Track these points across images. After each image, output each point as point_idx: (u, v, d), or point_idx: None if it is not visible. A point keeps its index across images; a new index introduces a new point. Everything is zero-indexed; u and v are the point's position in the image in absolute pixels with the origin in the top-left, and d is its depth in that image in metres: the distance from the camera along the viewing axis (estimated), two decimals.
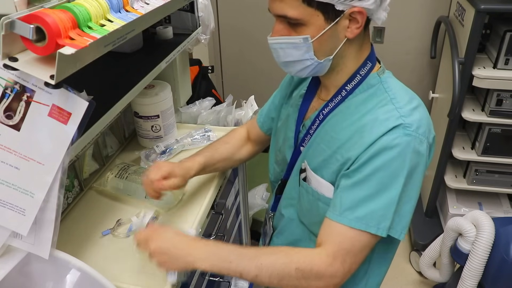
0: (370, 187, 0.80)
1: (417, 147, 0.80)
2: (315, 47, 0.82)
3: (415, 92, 0.92)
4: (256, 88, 2.72)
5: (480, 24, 1.71)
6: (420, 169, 0.82)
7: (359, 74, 0.87)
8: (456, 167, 2.18)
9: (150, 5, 0.92)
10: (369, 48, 0.89)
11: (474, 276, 1.62)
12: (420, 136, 0.80)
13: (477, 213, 1.66)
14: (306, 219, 0.99)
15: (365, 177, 0.80)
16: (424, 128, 0.81)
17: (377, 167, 0.79)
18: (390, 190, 0.79)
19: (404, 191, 0.80)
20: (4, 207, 0.75)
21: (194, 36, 1.40)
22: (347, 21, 0.81)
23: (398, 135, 0.78)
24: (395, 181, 0.79)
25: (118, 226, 1.10)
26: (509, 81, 1.76)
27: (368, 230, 0.80)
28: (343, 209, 0.81)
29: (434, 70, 2.43)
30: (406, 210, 0.83)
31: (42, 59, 0.67)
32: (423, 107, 0.87)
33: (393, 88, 0.86)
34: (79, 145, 0.83)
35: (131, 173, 1.20)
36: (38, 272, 0.84)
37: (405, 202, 0.82)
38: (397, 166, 0.79)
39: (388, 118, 0.80)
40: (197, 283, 1.16)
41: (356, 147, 0.81)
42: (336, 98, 0.90)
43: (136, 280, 0.94)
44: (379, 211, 0.79)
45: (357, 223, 0.80)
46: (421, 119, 0.82)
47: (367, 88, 0.88)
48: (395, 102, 0.83)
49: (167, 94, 1.36)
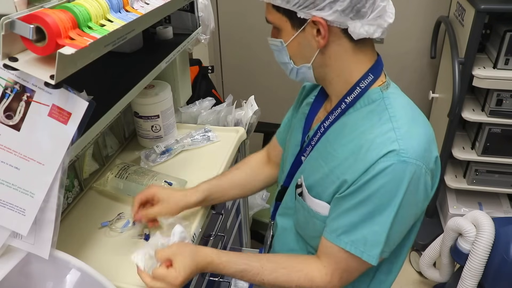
0: (362, 212, 0.79)
1: (412, 173, 0.76)
2: (289, 52, 0.85)
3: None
4: (256, 88, 2.72)
5: (480, 24, 1.71)
6: (417, 195, 0.80)
7: (359, 87, 0.84)
8: (456, 167, 2.18)
9: (150, 5, 0.92)
10: (371, 59, 0.85)
11: (474, 276, 1.62)
12: (416, 162, 0.76)
13: (477, 213, 1.66)
14: (303, 231, 0.98)
15: (359, 202, 0.79)
16: (422, 152, 0.78)
17: (370, 193, 0.78)
18: (382, 217, 0.78)
19: (396, 218, 0.79)
20: (4, 207, 0.75)
21: (194, 36, 1.40)
22: (314, 30, 0.79)
23: (393, 162, 0.76)
24: (387, 209, 0.78)
25: (118, 220, 1.10)
26: (509, 81, 1.76)
27: (360, 256, 0.81)
28: (340, 232, 0.82)
29: (434, 70, 2.43)
30: (396, 235, 0.83)
31: (42, 59, 0.67)
32: (424, 126, 0.83)
33: (395, 105, 0.82)
34: (79, 145, 0.83)
35: (131, 173, 1.20)
36: (38, 272, 0.84)
37: (397, 228, 0.81)
38: (390, 193, 0.77)
39: (384, 141, 0.77)
40: (197, 283, 1.16)
41: (352, 170, 0.80)
42: (336, 110, 0.87)
43: (136, 280, 0.94)
44: (370, 237, 0.80)
45: (351, 247, 0.81)
46: (419, 142, 0.78)
47: (368, 103, 0.84)
48: (394, 121, 0.80)
49: (167, 94, 1.36)
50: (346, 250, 0.82)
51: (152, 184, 1.14)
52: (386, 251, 0.84)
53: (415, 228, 0.92)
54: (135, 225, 1.09)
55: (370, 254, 0.81)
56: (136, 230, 1.08)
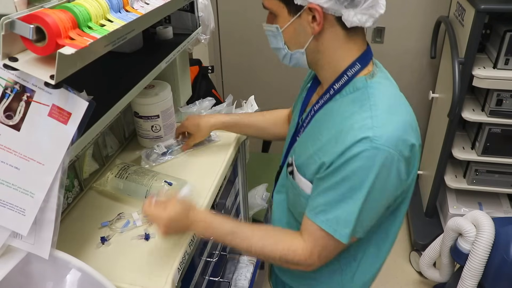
0: (336, 193, 0.84)
1: (383, 160, 0.79)
2: (284, 37, 0.89)
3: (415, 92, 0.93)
4: (256, 88, 2.73)
5: (480, 24, 1.72)
6: (388, 181, 0.82)
7: (346, 75, 0.88)
8: (456, 167, 2.18)
9: (150, 5, 0.92)
10: (359, 49, 0.88)
11: (474, 276, 1.62)
12: (388, 149, 0.79)
13: (477, 213, 1.66)
14: (293, 208, 1.04)
15: (334, 184, 0.84)
16: (396, 140, 0.80)
17: (343, 176, 0.82)
18: (353, 199, 0.82)
19: (367, 201, 0.83)
20: (4, 207, 0.75)
21: (194, 36, 1.40)
22: (310, 17, 0.83)
23: (365, 147, 0.79)
24: (358, 192, 0.82)
25: (118, 220, 1.11)
26: (509, 81, 1.76)
27: (333, 234, 0.86)
28: (318, 210, 0.87)
29: (434, 70, 2.43)
30: (368, 218, 0.87)
31: (42, 59, 0.67)
32: (403, 115, 0.85)
33: (377, 94, 0.85)
34: (79, 145, 0.83)
35: (131, 173, 1.20)
36: (38, 272, 0.84)
37: (367, 211, 0.85)
38: (361, 177, 0.80)
39: (360, 128, 0.81)
40: (197, 283, 1.16)
41: (330, 152, 0.84)
42: (325, 95, 0.92)
43: (136, 280, 0.94)
44: (342, 217, 0.84)
45: (326, 225, 0.86)
46: (394, 130, 0.80)
47: (353, 91, 0.88)
48: (374, 109, 0.83)
49: (167, 94, 1.36)
50: (322, 228, 0.87)
51: (183, 121, 1.32)
52: (359, 231, 0.88)
53: (400, 213, 0.96)
54: (136, 225, 1.09)
55: (342, 233, 0.85)
56: (136, 230, 1.08)
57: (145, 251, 1.02)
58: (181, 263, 0.98)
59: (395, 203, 0.92)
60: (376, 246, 1.00)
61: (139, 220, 1.11)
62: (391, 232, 0.99)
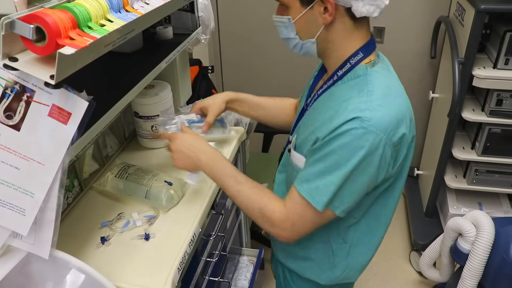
0: (322, 165, 0.88)
1: (370, 141, 0.83)
2: (296, 28, 0.93)
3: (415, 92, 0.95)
4: (256, 88, 2.73)
5: (480, 24, 1.71)
6: (372, 162, 0.86)
7: (349, 63, 0.93)
8: (456, 167, 2.18)
9: (150, 5, 0.92)
10: (364, 39, 0.93)
11: (474, 276, 1.62)
12: (377, 131, 0.83)
13: (477, 213, 1.66)
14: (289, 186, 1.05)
15: (321, 156, 0.88)
16: (385, 125, 0.84)
17: (331, 150, 0.86)
18: (336, 172, 0.86)
19: (349, 177, 0.86)
20: (4, 207, 0.75)
21: (194, 36, 1.40)
22: (322, 8, 0.88)
23: (354, 126, 0.83)
24: (342, 166, 0.85)
25: (118, 220, 1.11)
26: (509, 81, 1.76)
27: (310, 201, 0.89)
28: (303, 179, 0.91)
29: (434, 70, 2.43)
30: (347, 194, 0.90)
31: (42, 59, 0.67)
32: (398, 105, 0.89)
33: (375, 82, 0.90)
34: (79, 145, 0.83)
35: (131, 173, 1.20)
36: (38, 272, 0.84)
37: (348, 188, 0.88)
38: (347, 153, 0.85)
39: (354, 109, 0.85)
40: (197, 283, 1.16)
41: (324, 129, 0.88)
42: (329, 81, 0.97)
43: (136, 280, 0.94)
44: (322, 187, 0.88)
45: (305, 192, 0.90)
46: (385, 116, 0.84)
47: (354, 78, 0.92)
48: (370, 95, 0.87)
49: (167, 94, 1.36)
50: (301, 195, 0.90)
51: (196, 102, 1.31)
52: (338, 207, 0.90)
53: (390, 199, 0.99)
54: (136, 225, 1.09)
55: (319, 201, 0.89)
56: (136, 230, 1.08)
57: (145, 251, 1.02)
58: (181, 263, 0.98)
59: (382, 187, 0.95)
60: (368, 229, 1.03)
61: (139, 220, 1.11)
62: (382, 217, 1.03)
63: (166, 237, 1.06)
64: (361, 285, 2.11)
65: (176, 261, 0.97)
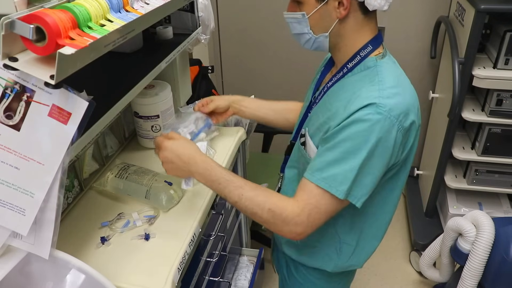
0: (337, 153, 0.88)
1: (385, 127, 0.86)
2: (310, 23, 0.95)
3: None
4: (256, 88, 2.73)
5: (480, 24, 1.72)
6: (386, 148, 0.88)
7: (359, 55, 0.96)
8: (456, 167, 2.18)
9: (150, 5, 0.92)
10: (373, 32, 0.96)
11: (474, 276, 1.62)
12: (391, 118, 0.86)
13: (477, 213, 1.66)
14: None
15: (335, 144, 0.89)
16: (398, 112, 0.87)
17: (345, 137, 0.87)
18: (353, 159, 0.87)
19: (366, 163, 0.87)
20: (4, 207, 0.75)
21: (194, 36, 1.40)
22: (336, 2, 0.90)
23: (370, 112, 0.85)
24: (359, 152, 0.86)
25: (118, 220, 1.11)
26: (509, 81, 1.76)
27: (329, 190, 0.89)
28: (315, 169, 0.91)
29: (434, 70, 2.43)
30: (365, 182, 0.90)
31: (42, 59, 0.67)
32: (407, 94, 0.92)
33: (385, 72, 0.93)
34: (79, 145, 0.83)
35: (131, 173, 1.20)
36: (38, 272, 0.84)
37: (365, 174, 0.89)
38: (363, 138, 0.86)
39: (367, 97, 0.87)
40: (197, 283, 1.16)
41: (336, 117, 0.90)
42: (339, 74, 0.99)
43: (136, 280, 0.94)
44: (340, 175, 0.88)
45: (321, 182, 0.89)
46: (397, 103, 0.87)
47: (364, 69, 0.95)
48: (381, 84, 0.90)
49: (167, 94, 1.36)
50: (317, 186, 0.90)
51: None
52: (356, 195, 0.90)
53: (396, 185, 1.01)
54: (136, 225, 1.09)
55: (338, 189, 0.88)
56: (136, 230, 1.08)
57: (145, 251, 1.02)
58: (181, 263, 0.98)
59: (390, 172, 0.97)
60: (374, 217, 1.04)
61: (139, 220, 1.11)
62: (388, 205, 1.04)
63: (166, 237, 1.06)
64: (361, 285, 2.11)
65: (176, 261, 0.97)
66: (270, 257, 1.35)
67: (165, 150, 0.99)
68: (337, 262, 1.10)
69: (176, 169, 1.00)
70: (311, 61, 1.12)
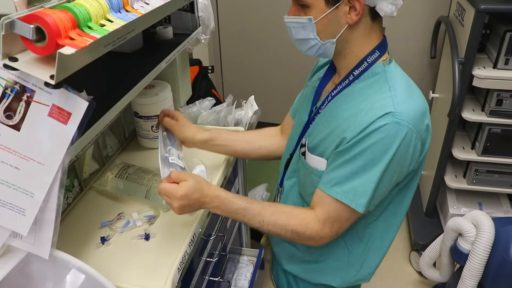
0: (356, 165, 0.87)
1: (404, 134, 0.84)
2: (318, 28, 0.90)
3: None
4: (256, 88, 2.73)
5: (480, 24, 1.71)
6: (406, 155, 0.87)
7: (366, 61, 0.93)
8: (456, 167, 2.18)
9: (150, 5, 0.92)
10: (379, 38, 0.94)
11: (474, 276, 1.62)
12: (408, 125, 0.84)
13: (477, 213, 1.66)
14: (302, 190, 1.05)
15: (353, 156, 0.87)
16: (414, 117, 0.86)
17: (364, 148, 0.86)
18: (373, 170, 0.86)
19: (386, 173, 0.87)
20: (4, 207, 0.75)
21: (194, 36, 1.40)
22: (347, 7, 0.87)
23: (387, 121, 0.84)
24: (378, 163, 0.85)
25: (118, 220, 1.11)
26: (509, 81, 1.76)
27: (349, 205, 0.89)
28: (333, 183, 0.90)
29: (434, 70, 2.43)
30: (383, 190, 0.91)
31: (42, 59, 0.67)
32: (419, 98, 0.91)
33: (394, 78, 0.91)
34: (79, 145, 0.83)
35: (131, 173, 1.20)
36: (38, 272, 0.84)
37: (384, 184, 0.89)
38: (382, 149, 0.85)
39: (382, 105, 0.86)
40: (197, 283, 1.16)
41: (351, 129, 0.88)
42: (344, 81, 0.96)
43: (136, 280, 0.94)
44: (360, 187, 0.87)
45: (341, 196, 0.89)
46: (412, 108, 0.86)
47: (372, 76, 0.93)
48: (393, 90, 0.88)
49: (167, 94, 1.36)
50: (337, 200, 0.89)
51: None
52: (372, 204, 0.91)
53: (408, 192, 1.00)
54: (136, 225, 1.09)
55: (358, 203, 0.88)
56: (136, 230, 1.08)
57: (145, 251, 1.02)
58: (181, 263, 0.98)
59: (405, 180, 0.95)
60: (384, 227, 1.03)
61: (139, 220, 1.11)
62: (398, 214, 1.02)
63: (166, 237, 1.06)
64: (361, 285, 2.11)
65: (176, 261, 0.97)
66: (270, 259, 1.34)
67: (181, 200, 0.90)
68: (345, 276, 1.07)
69: (189, 210, 0.94)
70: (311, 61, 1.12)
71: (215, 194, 0.94)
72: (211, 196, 0.94)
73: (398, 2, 0.89)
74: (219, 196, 0.94)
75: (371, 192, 0.87)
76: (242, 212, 0.94)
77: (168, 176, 0.94)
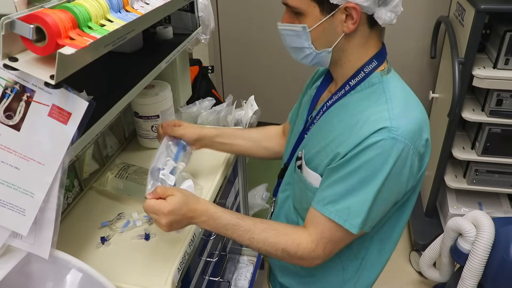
0: (350, 183, 0.83)
1: (400, 151, 0.80)
2: (312, 37, 0.86)
3: (415, 92, 0.93)
4: (256, 88, 2.73)
5: (480, 24, 1.71)
6: (402, 173, 0.83)
7: (363, 71, 0.89)
8: (456, 167, 2.18)
9: (150, 5, 0.92)
10: (377, 47, 0.90)
11: (474, 276, 1.62)
12: (405, 141, 0.80)
13: (477, 213, 1.66)
14: (298, 204, 1.03)
15: (347, 174, 0.83)
16: (412, 132, 0.82)
17: (358, 165, 0.82)
18: (367, 189, 0.82)
19: (381, 192, 0.82)
20: (4, 207, 0.75)
21: (194, 36, 1.40)
22: (344, 16, 0.83)
23: (382, 136, 0.80)
24: (373, 181, 0.81)
25: (118, 220, 1.11)
26: (509, 81, 1.76)
27: (343, 225, 0.84)
28: (326, 201, 0.86)
29: (434, 70, 2.43)
30: (380, 209, 0.86)
31: (42, 59, 0.67)
32: (418, 111, 0.88)
33: (392, 89, 0.87)
34: (79, 145, 0.83)
35: (131, 173, 1.20)
36: (38, 272, 0.84)
37: (380, 203, 0.85)
38: (377, 166, 0.81)
39: (377, 119, 0.82)
40: (197, 283, 1.16)
41: (345, 144, 0.84)
42: (340, 91, 0.92)
43: (136, 280, 0.94)
44: (354, 206, 0.83)
45: (335, 216, 0.85)
46: (409, 122, 0.82)
47: (369, 86, 0.89)
48: (390, 102, 0.84)
49: (167, 94, 1.36)
50: (331, 219, 0.85)
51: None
52: (368, 225, 0.87)
53: (406, 210, 0.96)
54: (136, 225, 1.09)
55: (352, 223, 0.84)
56: (136, 230, 1.08)
57: (145, 251, 1.02)
58: (181, 263, 0.98)
59: (403, 198, 0.92)
60: (380, 244, 0.99)
61: (139, 220, 1.11)
62: (395, 231, 0.99)
63: (166, 237, 1.06)
64: None
65: (176, 261, 0.97)
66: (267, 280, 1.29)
67: (168, 216, 0.86)
68: None
69: (178, 226, 0.90)
70: None
71: (204, 208, 0.90)
72: (200, 210, 0.89)
73: (397, 9, 0.85)
74: (208, 210, 0.90)
75: (365, 211, 0.83)
76: (231, 228, 0.89)
77: (154, 192, 0.89)
